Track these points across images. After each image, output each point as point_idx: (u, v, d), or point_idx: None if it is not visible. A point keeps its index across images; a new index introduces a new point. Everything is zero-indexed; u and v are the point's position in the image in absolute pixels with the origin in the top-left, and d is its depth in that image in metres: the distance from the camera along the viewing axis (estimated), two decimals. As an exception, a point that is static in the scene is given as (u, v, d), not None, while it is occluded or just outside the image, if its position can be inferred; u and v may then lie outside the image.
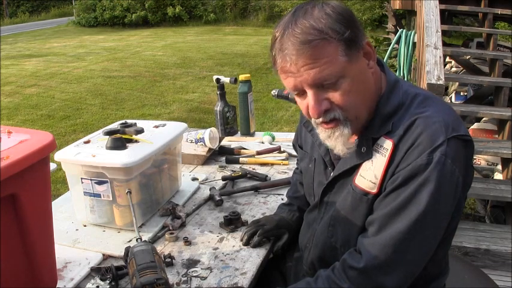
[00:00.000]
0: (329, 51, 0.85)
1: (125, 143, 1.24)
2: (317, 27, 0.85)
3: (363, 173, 0.96)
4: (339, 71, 0.86)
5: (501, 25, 7.96)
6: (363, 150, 0.96)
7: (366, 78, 0.92)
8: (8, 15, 22.63)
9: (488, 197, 2.94)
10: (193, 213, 1.39)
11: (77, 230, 1.29)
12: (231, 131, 2.10)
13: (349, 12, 0.90)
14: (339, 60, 0.86)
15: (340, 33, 0.85)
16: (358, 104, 0.91)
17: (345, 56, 0.86)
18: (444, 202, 0.88)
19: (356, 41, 0.88)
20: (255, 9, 15.27)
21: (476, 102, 4.01)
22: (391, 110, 0.94)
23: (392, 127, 0.92)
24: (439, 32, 3.21)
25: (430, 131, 0.87)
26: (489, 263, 2.49)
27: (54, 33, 14.93)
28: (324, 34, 0.84)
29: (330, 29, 0.85)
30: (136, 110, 5.97)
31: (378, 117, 0.95)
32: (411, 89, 0.97)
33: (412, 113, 0.91)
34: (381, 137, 0.93)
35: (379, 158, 0.93)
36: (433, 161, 0.85)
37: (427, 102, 0.93)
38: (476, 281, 1.31)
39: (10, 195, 0.82)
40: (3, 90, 6.78)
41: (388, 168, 0.91)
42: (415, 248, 0.88)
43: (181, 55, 9.47)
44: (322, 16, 0.86)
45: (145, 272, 0.93)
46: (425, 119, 0.89)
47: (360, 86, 0.91)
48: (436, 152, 0.85)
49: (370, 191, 0.94)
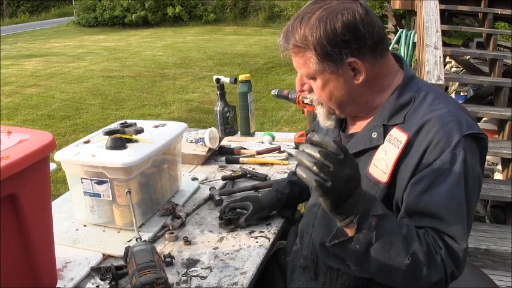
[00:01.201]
0: (304, 57, 0.98)
1: (125, 143, 1.24)
2: (303, 35, 0.96)
3: (376, 163, 0.98)
4: (310, 73, 1.00)
5: (501, 25, 7.97)
6: (373, 135, 0.99)
7: (344, 86, 0.99)
8: (8, 15, 22.63)
9: (488, 197, 2.94)
10: (193, 213, 1.39)
11: (77, 230, 1.29)
12: (231, 131, 2.10)
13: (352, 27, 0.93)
14: (311, 67, 0.98)
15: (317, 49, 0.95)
16: (329, 101, 1.02)
17: (316, 65, 0.97)
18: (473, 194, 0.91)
19: (333, 58, 0.95)
20: (255, 9, 15.27)
21: (476, 102, 4.01)
22: (403, 102, 0.98)
23: (405, 120, 0.96)
24: (439, 32, 3.21)
25: (446, 129, 0.91)
26: (489, 263, 2.49)
27: (54, 33, 14.93)
28: (304, 44, 0.96)
29: (311, 41, 0.95)
30: (136, 110, 5.97)
31: (389, 106, 0.99)
32: (425, 86, 1.02)
33: (425, 111, 0.95)
34: (394, 129, 0.96)
35: (392, 149, 0.95)
36: (458, 158, 0.89)
37: (439, 100, 0.97)
38: (476, 281, 1.31)
39: (10, 195, 0.82)
40: (3, 90, 6.78)
41: (400, 160, 0.93)
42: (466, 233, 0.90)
43: (181, 55, 9.47)
44: (316, 26, 0.94)
45: (145, 272, 0.93)
46: (440, 118, 0.93)
47: (334, 90, 1.00)
48: (458, 148, 0.89)
49: (381, 180, 0.96)
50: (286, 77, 7.49)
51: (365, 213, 0.85)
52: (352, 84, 0.99)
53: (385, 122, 0.98)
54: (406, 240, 0.86)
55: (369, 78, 0.98)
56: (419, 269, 0.85)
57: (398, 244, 0.85)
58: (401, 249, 0.85)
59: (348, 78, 0.98)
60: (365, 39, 0.95)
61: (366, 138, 1.01)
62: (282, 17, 14.20)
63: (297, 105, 1.92)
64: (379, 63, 0.99)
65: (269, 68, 8.15)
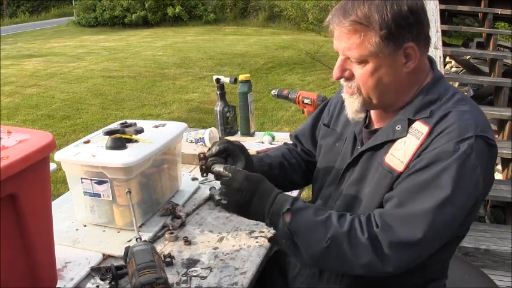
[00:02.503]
0: (362, 36, 0.93)
1: (125, 143, 1.24)
2: (367, 13, 0.92)
3: (393, 152, 0.98)
4: (364, 55, 0.95)
5: (501, 25, 7.96)
6: (397, 128, 0.99)
7: (394, 73, 0.97)
8: (8, 15, 22.63)
9: (488, 197, 2.94)
10: (193, 213, 1.39)
11: (77, 230, 1.29)
12: (231, 131, 2.10)
13: (415, 11, 0.94)
14: (367, 48, 0.94)
15: (382, 28, 0.92)
16: (375, 89, 0.98)
17: (375, 47, 0.93)
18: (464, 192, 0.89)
19: (396, 40, 0.93)
20: (255, 9, 15.26)
21: (476, 102, 4.00)
22: (430, 98, 0.99)
23: (431, 114, 0.96)
24: (439, 32, 3.21)
25: (461, 123, 0.91)
26: (489, 263, 2.49)
27: (54, 33, 14.93)
28: (367, 21, 0.92)
29: (376, 20, 0.92)
30: (136, 110, 5.97)
31: (416, 102, 0.99)
32: (452, 88, 1.03)
33: (448, 107, 0.96)
34: (417, 122, 0.97)
35: (412, 140, 0.95)
36: (460, 150, 0.89)
37: (463, 102, 0.98)
38: (476, 281, 1.31)
39: (10, 195, 0.82)
40: (3, 90, 6.77)
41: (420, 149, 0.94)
42: (430, 229, 0.88)
43: (181, 55, 9.47)
44: (383, 5, 0.92)
45: (145, 272, 0.93)
46: (460, 113, 0.94)
47: (384, 77, 0.97)
48: (463, 142, 0.89)
49: (396, 169, 0.96)
50: (286, 77, 7.49)
51: (275, 213, 0.97)
52: (401, 71, 0.98)
53: (411, 116, 0.98)
54: (325, 226, 0.93)
55: (415, 67, 0.98)
56: (341, 250, 0.91)
57: (317, 231, 0.93)
58: (321, 235, 0.93)
59: (400, 65, 0.97)
60: (423, 27, 0.96)
61: (390, 130, 1.00)
62: (282, 17, 14.18)
63: (297, 105, 1.92)
64: (425, 54, 1.01)
65: (269, 68, 8.14)
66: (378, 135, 1.03)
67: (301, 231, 0.95)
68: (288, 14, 13.86)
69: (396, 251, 0.89)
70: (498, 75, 3.87)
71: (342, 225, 0.92)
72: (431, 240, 0.91)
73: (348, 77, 1.01)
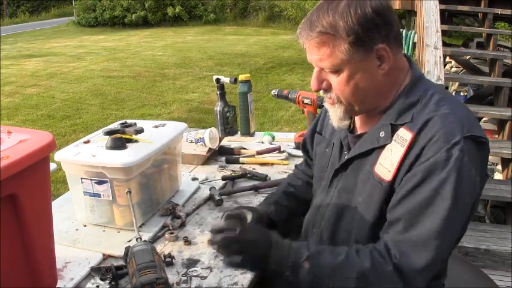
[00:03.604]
0: (331, 46, 0.93)
1: (125, 143, 1.24)
2: (332, 22, 0.92)
3: (381, 161, 0.98)
4: (337, 64, 0.95)
5: (501, 25, 7.96)
6: (381, 134, 0.99)
7: (369, 77, 0.97)
8: (8, 15, 22.62)
9: (488, 197, 2.94)
10: (193, 213, 1.39)
11: (77, 230, 1.29)
12: (231, 131, 2.10)
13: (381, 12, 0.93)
14: (338, 56, 0.94)
15: (349, 34, 0.91)
16: (353, 95, 0.98)
17: (346, 54, 0.93)
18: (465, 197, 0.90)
19: (365, 44, 0.93)
20: (255, 9, 15.26)
21: (476, 102, 4.01)
22: (410, 101, 0.98)
23: (413, 119, 0.95)
24: (439, 32, 3.21)
25: (447, 128, 0.90)
26: (489, 263, 2.49)
27: (54, 33, 14.93)
28: (334, 30, 0.92)
29: (342, 27, 0.91)
30: (136, 110, 5.97)
31: (397, 106, 0.99)
32: (432, 87, 1.02)
33: (430, 110, 0.95)
34: (401, 128, 0.96)
35: (398, 148, 0.95)
36: (453, 157, 0.88)
37: (444, 102, 0.97)
38: (476, 281, 1.31)
39: (10, 195, 0.82)
40: (3, 90, 6.77)
41: (405, 159, 0.93)
42: (443, 243, 0.89)
43: (181, 55, 9.47)
44: (346, 11, 0.92)
45: (145, 272, 0.93)
46: (443, 117, 0.92)
47: (360, 82, 0.97)
48: (454, 148, 0.88)
49: (385, 178, 0.96)
50: (286, 77, 7.49)
51: (296, 264, 0.91)
52: (377, 74, 0.97)
53: (393, 121, 0.98)
54: (348, 266, 0.90)
55: (391, 68, 0.98)
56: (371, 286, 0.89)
57: (343, 273, 0.90)
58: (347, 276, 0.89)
59: (374, 68, 0.96)
60: (392, 26, 0.96)
61: (374, 137, 1.00)
62: (282, 17, 14.21)
63: (297, 105, 1.92)
64: (399, 54, 1.00)
65: (269, 68, 8.14)
66: (363, 142, 1.03)
67: (325, 276, 0.91)
68: (288, 14, 13.90)
69: (421, 274, 0.89)
70: (498, 75, 3.87)
71: (363, 261, 0.90)
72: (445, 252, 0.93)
73: (326, 88, 1.00)
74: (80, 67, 8.58)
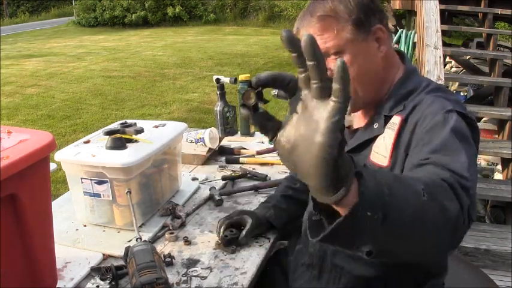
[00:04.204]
0: (335, 28, 0.97)
1: (125, 143, 1.24)
2: (332, 6, 0.97)
3: (376, 149, 0.99)
4: (341, 44, 0.97)
5: (501, 25, 7.96)
6: (375, 126, 1.01)
7: (371, 59, 1.00)
8: (8, 15, 22.62)
9: (488, 197, 2.94)
10: (193, 213, 1.39)
11: (77, 230, 1.29)
12: (231, 131, 2.10)
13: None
14: (344, 37, 0.97)
15: (351, 15, 0.96)
16: (357, 79, 0.99)
17: (351, 33, 0.97)
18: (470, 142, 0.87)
19: (365, 25, 0.98)
20: (255, 9, 15.26)
21: (476, 102, 4.01)
22: (404, 92, 1.00)
23: (405, 107, 0.98)
24: (439, 32, 3.21)
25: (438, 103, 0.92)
26: (489, 263, 2.49)
27: (54, 33, 14.92)
28: (335, 13, 0.97)
29: (342, 10, 0.97)
30: (136, 110, 5.97)
31: (392, 99, 1.01)
32: (426, 80, 1.04)
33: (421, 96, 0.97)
34: (394, 116, 0.98)
35: (389, 133, 0.97)
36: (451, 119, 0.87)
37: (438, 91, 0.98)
38: (476, 281, 1.31)
39: (10, 195, 0.82)
40: (3, 90, 6.77)
41: (398, 140, 0.94)
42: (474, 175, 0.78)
43: (181, 55, 9.47)
44: None
45: (145, 272, 0.93)
46: (434, 97, 0.94)
47: (362, 64, 0.99)
48: (450, 113, 0.88)
49: (382, 164, 0.96)
50: (286, 77, 7.48)
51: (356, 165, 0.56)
52: (377, 56, 1.01)
53: (387, 113, 1.00)
54: (409, 179, 0.66)
55: (387, 52, 1.01)
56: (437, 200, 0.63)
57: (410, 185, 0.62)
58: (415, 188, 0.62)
59: (374, 50, 1.00)
60: (383, 12, 1.02)
61: (369, 129, 1.02)
62: (282, 17, 14.20)
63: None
64: (391, 43, 1.04)
65: (269, 68, 8.13)
66: (359, 135, 1.05)
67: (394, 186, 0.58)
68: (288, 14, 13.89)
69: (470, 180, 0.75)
70: (498, 75, 3.87)
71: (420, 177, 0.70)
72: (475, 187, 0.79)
73: None
74: (80, 67, 8.58)
